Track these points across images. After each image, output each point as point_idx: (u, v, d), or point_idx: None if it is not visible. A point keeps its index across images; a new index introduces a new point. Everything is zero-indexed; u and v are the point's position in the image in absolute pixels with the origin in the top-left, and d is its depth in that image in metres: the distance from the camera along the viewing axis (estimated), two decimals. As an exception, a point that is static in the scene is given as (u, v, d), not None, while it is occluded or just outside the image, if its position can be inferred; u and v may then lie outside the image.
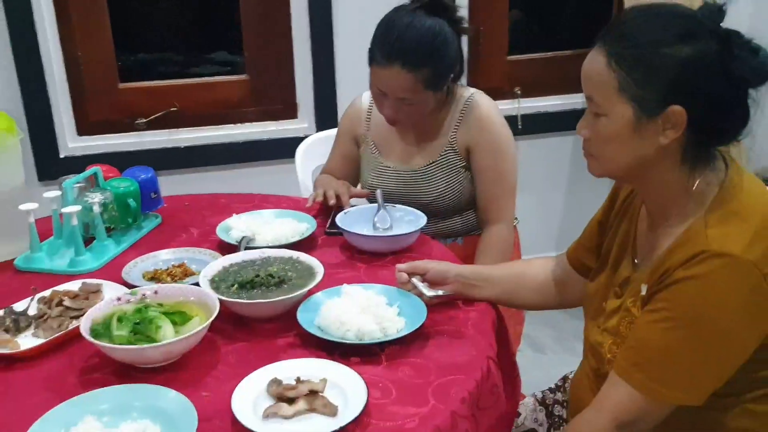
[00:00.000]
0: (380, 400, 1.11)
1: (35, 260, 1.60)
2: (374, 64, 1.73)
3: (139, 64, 2.85)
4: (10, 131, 1.62)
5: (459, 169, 1.85)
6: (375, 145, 1.94)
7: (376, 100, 1.79)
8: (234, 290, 1.37)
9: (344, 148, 2.03)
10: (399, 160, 1.91)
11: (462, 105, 1.85)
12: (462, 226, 1.93)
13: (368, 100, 1.95)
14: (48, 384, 1.18)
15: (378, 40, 1.72)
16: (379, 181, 1.91)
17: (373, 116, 1.94)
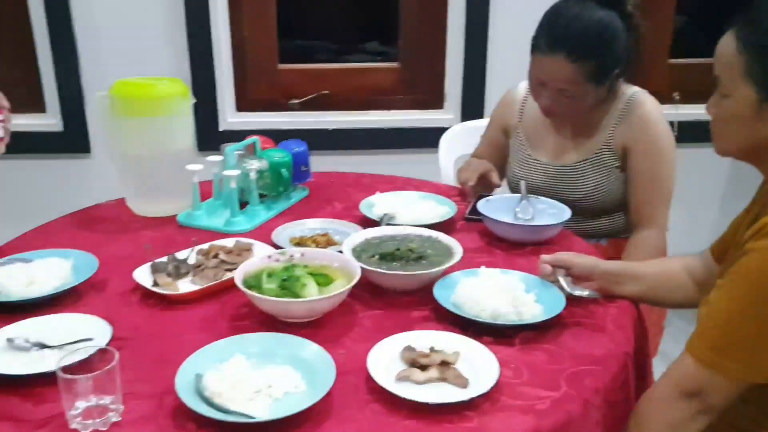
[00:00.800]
0: (511, 379, 1.12)
1: (195, 218, 1.73)
2: (536, 52, 1.71)
3: (297, 50, 2.99)
4: (184, 96, 1.75)
5: (613, 169, 1.81)
6: (526, 137, 1.93)
7: (534, 89, 1.78)
8: (375, 260, 1.42)
9: (493, 137, 2.03)
10: (549, 154, 1.89)
11: (624, 103, 1.79)
12: (608, 227, 1.89)
13: (524, 91, 1.95)
14: (202, 325, 1.28)
15: (544, 27, 1.71)
16: (526, 174, 1.90)
17: (527, 107, 1.93)
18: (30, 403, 1.05)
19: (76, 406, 1.00)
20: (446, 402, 1.04)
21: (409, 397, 1.04)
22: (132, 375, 1.10)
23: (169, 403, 1.05)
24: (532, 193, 1.78)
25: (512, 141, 1.97)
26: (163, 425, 1.01)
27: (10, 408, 1.04)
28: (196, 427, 1.00)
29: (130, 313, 1.32)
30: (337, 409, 1.05)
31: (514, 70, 2.52)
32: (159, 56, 2.66)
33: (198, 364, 1.09)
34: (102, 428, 0.99)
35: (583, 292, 1.32)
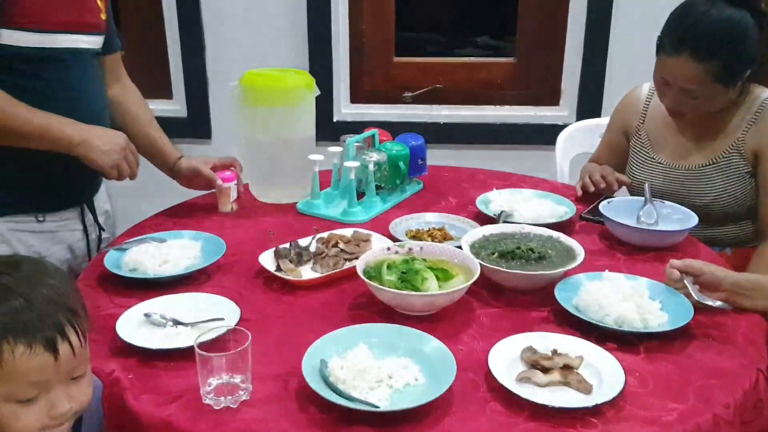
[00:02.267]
0: (636, 388, 1.09)
1: (314, 206, 1.77)
2: (662, 53, 1.66)
3: (409, 43, 3.00)
4: (310, 88, 1.80)
5: (743, 174, 1.72)
6: (648, 139, 1.87)
7: (659, 89, 1.72)
8: (494, 258, 1.41)
9: (613, 139, 1.98)
10: (673, 156, 1.82)
11: (757, 106, 1.70)
12: (735, 236, 1.80)
13: (647, 91, 1.89)
14: (322, 312, 1.31)
15: (670, 26, 1.65)
16: (647, 177, 1.83)
17: (651, 108, 1.87)
18: (166, 376, 1.11)
19: (209, 383, 1.05)
20: (569, 407, 1.03)
21: (531, 399, 1.03)
22: (257, 356, 1.13)
23: (294, 385, 1.08)
24: (655, 197, 1.72)
25: (633, 142, 1.91)
26: (288, 407, 1.05)
27: (148, 380, 1.10)
28: (319, 411, 1.03)
29: (255, 295, 1.37)
30: (457, 406, 1.05)
31: (636, 69, 2.44)
32: (279, 48, 2.73)
33: (322, 349, 1.12)
34: (232, 405, 1.04)
35: (714, 303, 1.26)
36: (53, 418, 0.93)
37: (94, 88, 1.63)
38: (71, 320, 0.93)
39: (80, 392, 0.96)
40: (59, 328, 0.91)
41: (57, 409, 0.93)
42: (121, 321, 1.20)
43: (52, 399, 0.93)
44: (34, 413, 0.92)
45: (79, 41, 1.55)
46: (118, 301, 1.31)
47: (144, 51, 2.84)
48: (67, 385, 0.94)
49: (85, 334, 0.95)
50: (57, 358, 0.91)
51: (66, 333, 0.92)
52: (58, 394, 0.93)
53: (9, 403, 0.91)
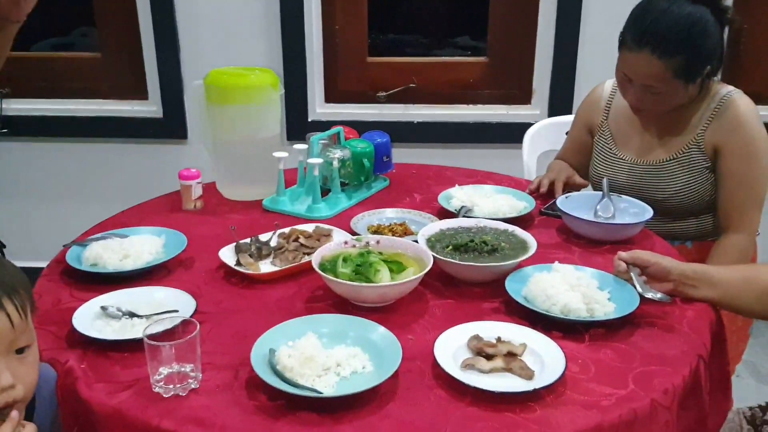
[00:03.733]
0: (578, 374, 1.12)
1: (279, 203, 1.80)
2: (623, 49, 1.69)
3: (388, 44, 3.03)
4: (275, 86, 1.82)
5: (702, 169, 1.75)
6: (611, 135, 1.90)
7: (621, 85, 1.75)
8: (448, 251, 1.44)
9: (577, 137, 2.02)
10: (635, 152, 1.85)
11: (716, 102, 1.73)
12: (695, 230, 1.83)
13: (610, 88, 1.92)
14: (279, 305, 1.34)
15: (630, 23, 1.68)
16: (610, 173, 1.86)
17: (614, 105, 1.90)
18: (119, 366, 1.13)
19: (159, 372, 1.07)
20: (510, 391, 1.06)
21: (474, 385, 1.06)
22: (212, 347, 1.17)
23: (244, 374, 1.11)
24: (616, 192, 1.76)
25: (597, 139, 1.94)
26: (237, 395, 1.07)
27: (101, 370, 1.12)
28: (267, 399, 1.06)
29: (213, 289, 1.39)
30: (402, 392, 1.08)
31: (606, 66, 2.46)
32: (254, 48, 2.76)
33: (272, 339, 1.15)
34: (181, 393, 1.06)
35: (655, 295, 1.29)
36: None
37: None
38: (9, 294, 0.95)
39: (25, 371, 0.98)
40: (8, 293, 0.94)
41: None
42: (78, 313, 1.22)
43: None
44: None
45: None
46: (78, 295, 1.34)
47: (119, 52, 2.87)
48: (7, 359, 0.96)
49: (26, 311, 0.98)
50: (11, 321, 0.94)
51: (3, 305, 0.94)
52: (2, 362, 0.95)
53: None
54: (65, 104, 2.90)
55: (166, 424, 1.00)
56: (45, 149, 2.95)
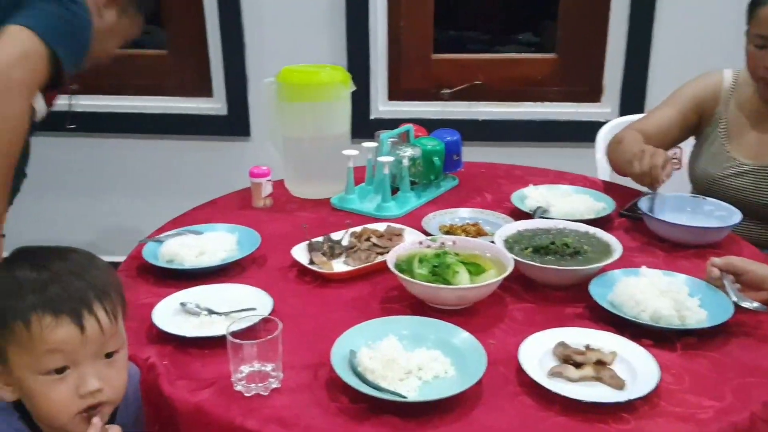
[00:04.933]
0: (671, 385, 1.07)
1: (348, 201, 1.78)
2: (758, 9, 1.59)
3: (450, 40, 2.99)
4: (345, 84, 1.80)
5: None
6: (726, 130, 1.78)
7: (754, 57, 1.64)
8: (527, 253, 1.40)
9: (681, 115, 1.85)
10: (750, 153, 1.74)
11: None
12: None
13: (731, 78, 1.81)
14: (354, 304, 1.32)
15: None
16: (717, 170, 1.75)
17: (735, 97, 1.79)
18: (199, 363, 1.12)
19: (240, 370, 1.06)
20: (602, 401, 1.01)
21: (562, 393, 1.02)
22: (289, 346, 1.14)
23: (324, 375, 1.09)
24: (721, 193, 1.67)
25: (708, 130, 1.82)
26: (318, 395, 1.05)
27: (182, 367, 1.12)
28: (348, 401, 1.03)
29: (287, 287, 1.38)
30: (487, 398, 1.05)
31: (681, 64, 2.40)
32: (318, 45, 2.75)
33: (352, 340, 1.12)
34: (263, 392, 1.05)
35: (751, 304, 1.22)
36: (83, 396, 0.96)
37: None
38: (100, 298, 0.96)
39: (113, 375, 0.99)
40: (86, 303, 0.95)
41: (86, 386, 0.96)
42: (157, 309, 1.23)
43: (81, 375, 0.96)
44: (65, 388, 0.95)
45: None
46: (155, 291, 1.34)
47: (185, 50, 2.90)
48: (96, 363, 0.97)
49: (116, 315, 0.98)
50: (83, 331, 0.94)
51: (93, 309, 0.95)
52: (87, 370, 0.96)
53: (42, 376, 0.94)
54: (132, 101, 2.94)
55: (249, 423, 0.99)
56: (112, 146, 3.00)
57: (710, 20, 2.52)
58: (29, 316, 0.92)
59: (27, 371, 0.94)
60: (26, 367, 0.94)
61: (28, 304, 0.93)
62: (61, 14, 1.41)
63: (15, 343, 0.93)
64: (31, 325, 0.92)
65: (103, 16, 1.57)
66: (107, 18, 1.58)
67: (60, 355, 0.94)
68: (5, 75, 1.33)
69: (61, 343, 0.94)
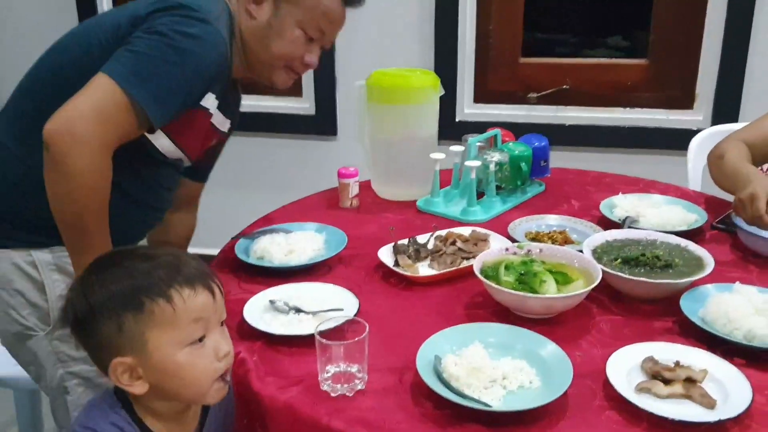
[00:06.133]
0: (765, 406, 1.03)
1: (433, 204, 1.79)
2: None
3: (537, 43, 2.96)
4: (435, 88, 1.82)
5: None
6: None
7: None
8: (617, 264, 1.37)
9: None
10: None
11: None
12: None
13: None
14: (439, 309, 1.33)
15: None
16: None
17: None
18: (287, 361, 1.16)
19: (327, 370, 1.09)
20: (691, 420, 0.99)
21: (650, 410, 1.00)
22: (374, 348, 1.16)
23: (408, 379, 1.11)
24: None
25: None
26: (402, 399, 1.07)
27: (271, 363, 1.15)
28: (433, 407, 1.05)
29: (373, 288, 1.40)
30: (572, 412, 1.04)
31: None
32: (406, 48, 2.77)
33: (437, 345, 1.14)
34: (348, 393, 1.07)
35: None
36: (220, 359, 1.04)
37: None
38: (211, 274, 1.06)
39: (228, 339, 1.07)
40: (208, 273, 1.05)
41: (222, 349, 1.04)
42: (248, 306, 1.27)
43: (215, 340, 1.04)
44: (207, 356, 1.03)
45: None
46: (245, 287, 1.39)
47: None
48: (219, 330, 1.06)
49: (221, 289, 1.07)
50: (214, 296, 1.04)
51: (214, 278, 1.05)
52: (217, 335, 1.04)
53: (187, 348, 1.01)
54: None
55: (335, 423, 1.02)
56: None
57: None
58: (170, 292, 0.99)
59: (171, 348, 1.00)
60: (170, 343, 1.00)
61: (164, 282, 1.00)
62: (160, 50, 1.30)
63: (158, 324, 0.99)
64: (173, 299, 0.99)
65: (256, 15, 1.47)
66: (261, 16, 1.47)
67: (201, 323, 1.02)
68: (69, 131, 1.23)
69: (201, 311, 1.01)
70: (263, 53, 1.50)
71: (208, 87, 1.42)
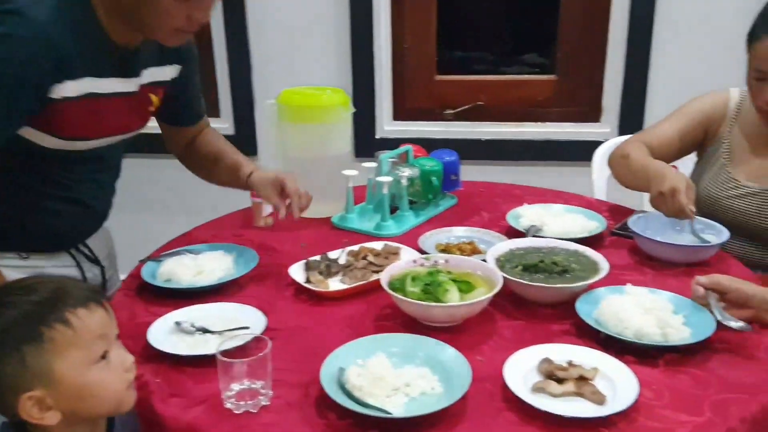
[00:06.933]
0: (651, 401, 1.09)
1: (348, 220, 1.82)
2: (755, 43, 1.60)
3: (455, 61, 3.03)
4: (345, 106, 1.85)
5: None
6: (729, 151, 1.78)
7: (753, 89, 1.64)
8: (518, 271, 1.43)
9: (688, 129, 1.83)
10: (752, 175, 1.73)
11: None
12: None
13: (738, 98, 1.80)
14: (348, 322, 1.35)
15: (760, 16, 1.61)
16: (719, 191, 1.75)
17: (741, 119, 1.78)
18: (192, 382, 1.16)
19: (231, 388, 1.09)
20: (581, 416, 1.04)
21: (544, 409, 1.04)
22: (282, 364, 1.18)
23: (314, 392, 1.12)
24: (719, 213, 1.69)
25: (711, 149, 1.82)
26: (307, 413, 1.08)
27: (175, 385, 1.15)
28: (336, 417, 1.06)
29: (284, 306, 1.42)
30: (471, 414, 1.07)
31: (678, 84, 2.43)
32: (324, 67, 2.81)
33: (342, 358, 1.16)
34: (252, 410, 1.08)
35: (736, 324, 1.23)
36: (128, 369, 1.06)
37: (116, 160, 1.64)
38: (99, 292, 1.10)
39: (127, 351, 1.09)
40: (97, 290, 1.10)
41: (127, 360, 1.07)
42: (152, 328, 1.26)
43: (118, 354, 1.06)
44: (115, 369, 1.05)
45: (119, 139, 1.54)
46: (153, 310, 1.38)
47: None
48: (118, 342, 1.08)
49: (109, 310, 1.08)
50: (108, 311, 1.06)
51: (102, 294, 1.09)
52: (119, 350, 1.07)
53: (94, 366, 1.02)
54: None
55: (238, 440, 1.02)
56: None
57: (707, 41, 2.54)
58: (65, 316, 1.00)
59: (79, 370, 1.00)
60: (78, 366, 1.00)
61: (57, 308, 1.00)
62: None
63: (60, 350, 0.99)
64: (71, 322, 1.00)
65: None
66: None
67: (103, 340, 1.04)
68: None
69: (101, 327, 1.04)
70: (145, 19, 1.36)
71: (43, 82, 1.29)
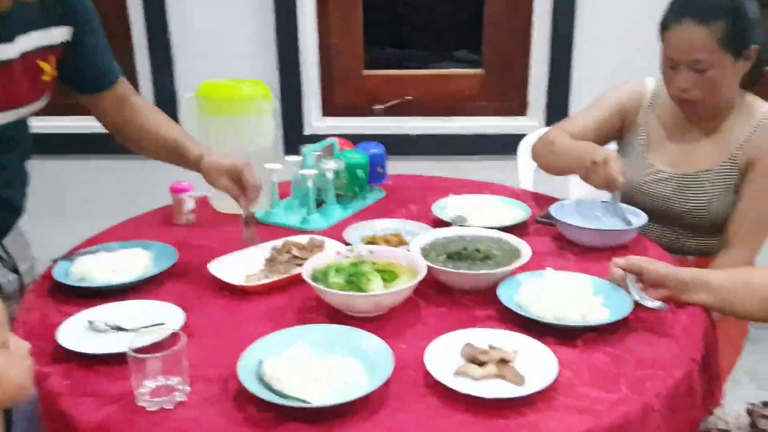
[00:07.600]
0: (570, 380, 1.10)
1: (273, 215, 1.79)
2: (665, 32, 1.64)
3: (388, 58, 3.04)
4: (266, 98, 1.82)
5: (730, 186, 1.70)
6: (646, 138, 1.82)
7: (667, 77, 1.68)
8: (441, 260, 1.43)
9: (605, 118, 1.87)
10: (668, 161, 1.78)
11: (757, 120, 1.68)
12: (705, 245, 1.78)
13: (653, 87, 1.84)
14: (270, 316, 1.32)
15: (669, 5, 1.65)
16: (638, 178, 1.78)
17: (656, 107, 1.82)
18: (105, 381, 1.11)
19: (144, 385, 1.05)
20: (501, 397, 1.04)
21: (465, 392, 1.04)
22: (200, 359, 1.15)
23: (233, 386, 1.09)
24: (638, 198, 1.73)
25: (628, 137, 1.86)
26: (225, 407, 1.05)
27: (86, 385, 1.11)
28: (256, 410, 1.04)
29: (204, 302, 1.38)
30: (394, 400, 1.07)
31: (601, 76, 2.48)
32: (249, 62, 2.76)
33: (262, 350, 1.13)
34: (168, 407, 1.04)
35: (653, 304, 1.27)
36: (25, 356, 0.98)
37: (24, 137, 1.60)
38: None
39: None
40: None
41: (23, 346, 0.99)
42: (62, 328, 1.21)
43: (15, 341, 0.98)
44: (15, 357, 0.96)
45: (16, 114, 1.50)
46: (65, 310, 1.32)
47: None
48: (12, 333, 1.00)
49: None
50: None
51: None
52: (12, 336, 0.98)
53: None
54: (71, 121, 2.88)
55: (153, 437, 0.99)
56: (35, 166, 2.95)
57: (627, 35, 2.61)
58: None
59: None
60: None
61: None
62: None
63: None
64: None
65: None
66: None
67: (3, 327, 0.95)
68: None
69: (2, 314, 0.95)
70: None
71: None
